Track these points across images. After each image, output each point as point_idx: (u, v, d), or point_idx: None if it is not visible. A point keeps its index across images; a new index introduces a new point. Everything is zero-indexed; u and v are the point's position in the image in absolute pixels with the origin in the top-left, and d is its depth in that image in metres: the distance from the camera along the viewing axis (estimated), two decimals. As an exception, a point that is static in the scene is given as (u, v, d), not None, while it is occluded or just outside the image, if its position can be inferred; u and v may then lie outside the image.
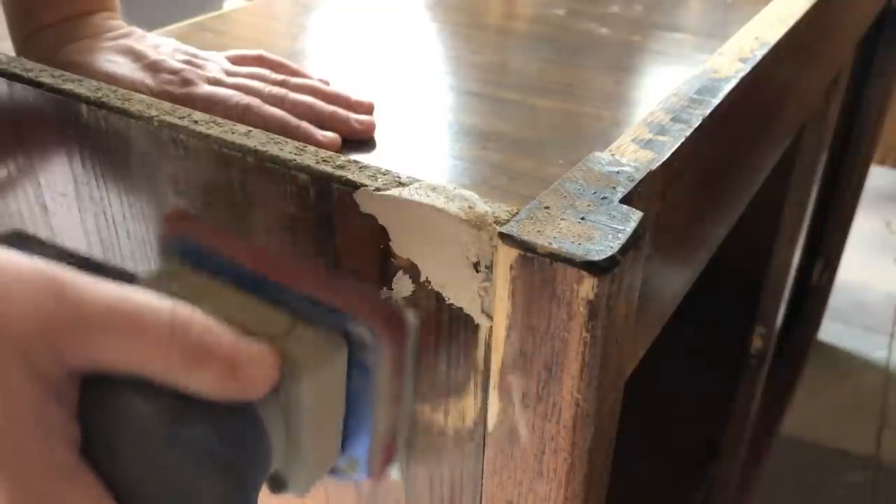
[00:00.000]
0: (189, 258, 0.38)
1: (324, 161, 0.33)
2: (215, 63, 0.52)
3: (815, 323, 1.65)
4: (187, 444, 0.27)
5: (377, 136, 0.49)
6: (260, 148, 0.34)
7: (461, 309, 0.32)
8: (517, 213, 0.31)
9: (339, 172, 0.32)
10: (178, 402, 0.28)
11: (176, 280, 0.36)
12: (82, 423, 0.27)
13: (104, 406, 0.27)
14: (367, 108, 0.51)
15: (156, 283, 0.36)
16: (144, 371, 0.27)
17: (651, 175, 0.34)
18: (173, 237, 0.38)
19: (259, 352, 0.30)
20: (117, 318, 0.27)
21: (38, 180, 0.42)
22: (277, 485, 0.35)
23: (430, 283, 0.32)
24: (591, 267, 0.28)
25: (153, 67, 0.48)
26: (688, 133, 0.38)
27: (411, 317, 0.34)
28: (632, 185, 0.33)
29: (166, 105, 0.37)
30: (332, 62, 0.60)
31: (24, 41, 0.50)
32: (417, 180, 0.32)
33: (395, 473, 0.39)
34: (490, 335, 0.32)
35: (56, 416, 0.26)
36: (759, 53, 0.49)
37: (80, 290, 0.27)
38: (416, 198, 0.31)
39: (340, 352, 0.34)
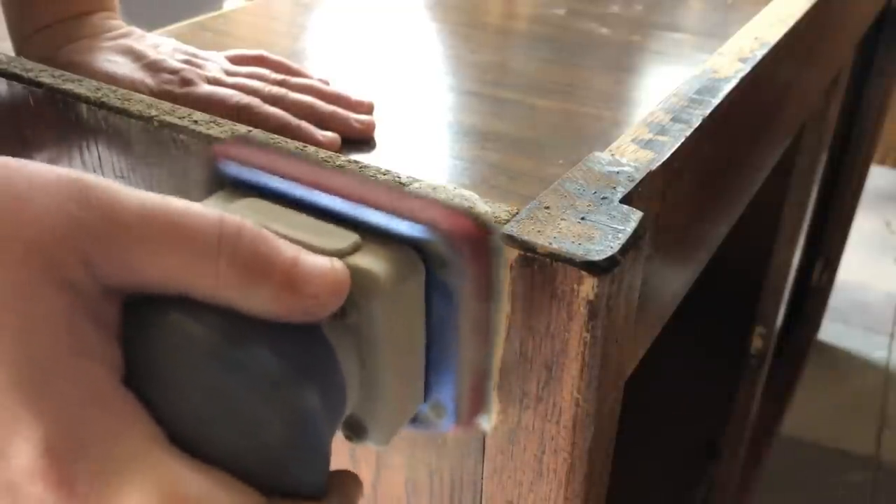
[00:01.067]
0: (241, 185, 0.33)
1: (324, 161, 0.33)
2: (215, 63, 0.52)
3: (815, 323, 1.65)
4: (244, 368, 0.24)
5: (377, 136, 0.49)
6: (260, 148, 0.34)
7: (461, 309, 0.32)
8: (517, 213, 0.30)
9: (339, 172, 0.32)
10: (233, 321, 0.24)
11: (227, 204, 0.32)
12: (127, 350, 0.24)
13: (150, 329, 0.24)
14: (367, 108, 0.51)
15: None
16: (191, 288, 0.24)
17: (651, 175, 0.34)
18: (221, 165, 0.34)
19: (321, 264, 0.26)
20: (154, 225, 0.24)
21: (38, 180, 0.42)
22: (355, 431, 0.32)
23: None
24: (592, 267, 0.28)
25: (153, 67, 0.48)
26: (688, 133, 0.38)
27: (497, 229, 0.30)
28: (632, 185, 0.33)
29: (166, 105, 0.37)
30: (332, 62, 0.60)
31: (24, 41, 0.50)
32: (417, 180, 0.32)
33: (485, 423, 0.34)
34: (490, 335, 0.32)
35: (91, 336, 0.23)
36: (759, 53, 0.49)
37: (108, 193, 0.24)
38: (416, 198, 0.31)
39: (417, 270, 0.30)
